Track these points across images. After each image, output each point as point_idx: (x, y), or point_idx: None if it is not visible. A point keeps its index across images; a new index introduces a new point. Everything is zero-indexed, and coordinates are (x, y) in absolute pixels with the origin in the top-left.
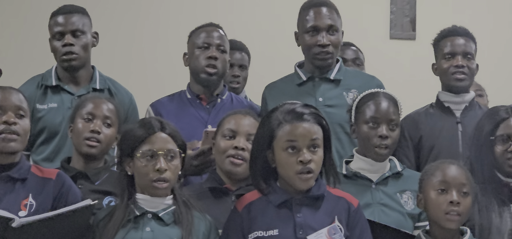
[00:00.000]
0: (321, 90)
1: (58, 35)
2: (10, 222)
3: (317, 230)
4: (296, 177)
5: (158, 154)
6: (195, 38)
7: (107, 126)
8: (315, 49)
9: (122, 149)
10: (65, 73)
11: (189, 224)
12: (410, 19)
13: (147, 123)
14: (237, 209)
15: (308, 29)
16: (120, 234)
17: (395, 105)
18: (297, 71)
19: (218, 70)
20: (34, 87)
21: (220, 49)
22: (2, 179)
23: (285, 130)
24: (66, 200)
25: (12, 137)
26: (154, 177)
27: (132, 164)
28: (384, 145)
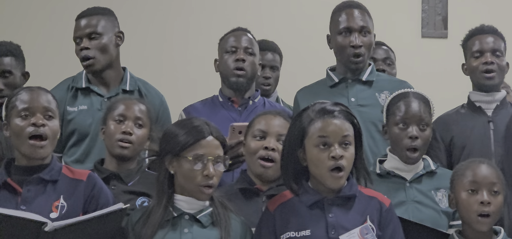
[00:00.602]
0: (353, 91)
1: (78, 39)
2: (43, 226)
3: (349, 230)
4: (328, 174)
5: (208, 159)
6: (224, 43)
7: (138, 127)
8: (348, 50)
9: (166, 148)
10: (92, 76)
11: (227, 226)
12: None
13: (197, 126)
14: (269, 210)
15: (341, 30)
16: (159, 235)
17: (426, 105)
18: (329, 74)
19: (246, 72)
20: (65, 90)
21: (248, 52)
22: (34, 181)
23: (316, 126)
24: (98, 202)
25: (41, 144)
26: (202, 182)
27: (176, 164)
28: (414, 145)
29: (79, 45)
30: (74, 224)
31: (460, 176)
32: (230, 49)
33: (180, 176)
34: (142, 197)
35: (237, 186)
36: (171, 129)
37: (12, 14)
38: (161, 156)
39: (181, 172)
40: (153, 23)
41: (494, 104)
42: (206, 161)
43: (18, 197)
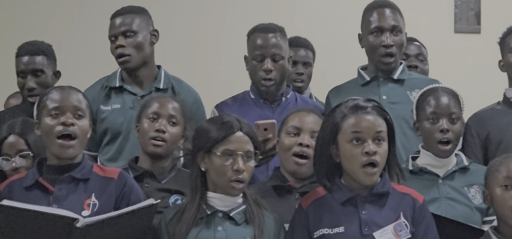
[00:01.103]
0: (385, 89)
1: (113, 38)
2: (75, 222)
3: (383, 227)
4: (361, 170)
5: (237, 154)
6: (252, 45)
7: (172, 125)
8: (380, 50)
9: (197, 145)
10: (126, 75)
11: (261, 223)
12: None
13: (226, 122)
14: (302, 207)
15: (372, 30)
16: (193, 233)
17: (456, 99)
18: (361, 73)
19: (274, 81)
20: (98, 90)
21: (275, 59)
22: (65, 180)
23: (350, 122)
24: (129, 199)
25: (70, 144)
26: (232, 177)
27: (207, 160)
28: (445, 138)
29: (114, 43)
30: (105, 220)
31: (494, 172)
32: (257, 57)
33: (211, 172)
34: (175, 195)
35: (270, 184)
36: (202, 126)
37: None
38: (193, 153)
39: (212, 168)
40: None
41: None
42: (236, 156)
43: (50, 196)
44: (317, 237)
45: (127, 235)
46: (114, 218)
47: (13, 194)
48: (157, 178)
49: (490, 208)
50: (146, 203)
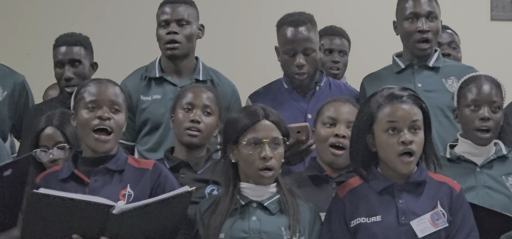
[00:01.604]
0: (420, 77)
1: (164, 23)
2: (111, 209)
3: (420, 216)
4: (398, 159)
5: (263, 141)
6: (282, 39)
7: (207, 115)
8: (415, 36)
9: (226, 137)
10: (168, 65)
11: (296, 213)
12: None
13: (251, 110)
14: (338, 196)
15: (408, 16)
16: (227, 224)
17: (498, 88)
18: (396, 60)
19: (307, 74)
20: (138, 80)
21: (306, 53)
22: (100, 171)
23: (385, 112)
24: (164, 190)
25: (106, 138)
26: (260, 165)
27: (236, 151)
28: (485, 126)
29: (165, 28)
30: (140, 207)
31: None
32: (288, 51)
33: (240, 162)
34: (211, 185)
35: (306, 173)
36: (229, 117)
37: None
38: (224, 145)
39: (241, 159)
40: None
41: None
42: (262, 144)
43: (86, 187)
44: (354, 226)
45: (162, 223)
46: (150, 205)
47: (49, 186)
48: (193, 168)
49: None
50: (181, 190)
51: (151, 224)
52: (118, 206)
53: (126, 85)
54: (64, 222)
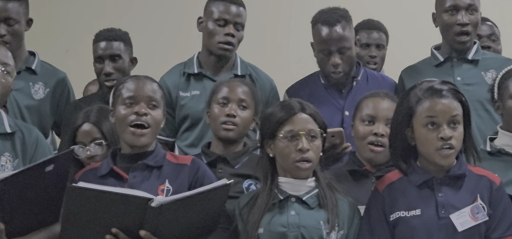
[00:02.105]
0: (459, 70)
1: (223, 22)
2: (150, 202)
3: (460, 209)
4: (437, 153)
5: (300, 134)
6: (317, 37)
7: (242, 109)
8: (455, 28)
9: (263, 131)
10: (207, 60)
11: (334, 207)
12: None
13: (287, 104)
14: (378, 190)
15: (447, 8)
16: (266, 218)
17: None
18: (434, 53)
19: (343, 72)
20: (177, 76)
21: (342, 52)
22: (139, 167)
23: (424, 106)
24: (202, 185)
25: (142, 132)
26: (296, 157)
27: (273, 145)
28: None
29: (222, 27)
30: (179, 200)
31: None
32: (323, 49)
33: (277, 156)
34: (249, 179)
35: (346, 168)
36: (266, 112)
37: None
38: (261, 140)
39: (278, 152)
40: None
41: None
42: (299, 136)
43: (125, 183)
44: (393, 219)
45: (200, 216)
46: (188, 198)
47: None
48: (230, 163)
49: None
50: (220, 183)
51: (190, 217)
52: (157, 199)
53: (165, 82)
54: (103, 215)
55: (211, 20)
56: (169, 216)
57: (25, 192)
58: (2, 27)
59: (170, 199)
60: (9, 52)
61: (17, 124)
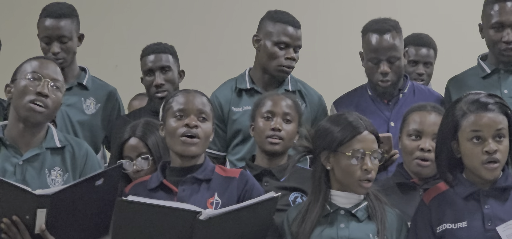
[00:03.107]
0: (506, 83)
1: (284, 45)
2: (198, 215)
3: (506, 221)
4: (482, 167)
5: (366, 153)
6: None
7: (287, 122)
8: (500, 45)
9: (321, 145)
10: (261, 77)
11: (383, 219)
12: None
13: (352, 121)
14: (424, 202)
15: (493, 24)
16: (316, 232)
17: None
18: (481, 64)
19: (392, 81)
20: (229, 91)
21: (391, 61)
22: (188, 181)
23: (470, 120)
24: (251, 197)
25: (193, 141)
26: (362, 177)
27: (332, 159)
28: None
29: (282, 50)
30: (228, 213)
31: None
32: (373, 59)
33: (338, 171)
34: (295, 192)
35: (394, 181)
36: (325, 125)
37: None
38: (316, 152)
39: (339, 168)
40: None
41: None
42: (364, 156)
43: (174, 196)
44: (440, 232)
45: (248, 229)
46: (236, 211)
47: (138, 196)
48: (276, 176)
49: None
50: (268, 196)
51: (238, 230)
52: (205, 213)
53: (217, 97)
54: (152, 228)
55: (270, 41)
56: (217, 228)
57: (75, 206)
58: (55, 45)
59: (219, 212)
60: (58, 68)
61: (67, 138)
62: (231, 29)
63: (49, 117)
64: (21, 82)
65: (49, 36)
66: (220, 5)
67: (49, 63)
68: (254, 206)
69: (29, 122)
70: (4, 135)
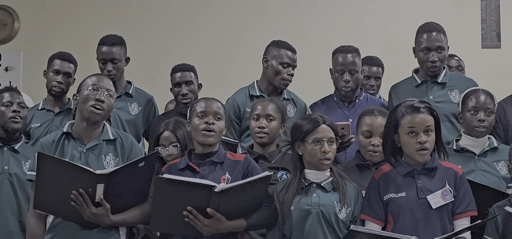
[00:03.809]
0: (432, 91)
1: (286, 64)
2: (214, 188)
3: (433, 192)
4: (416, 153)
5: (323, 140)
6: (335, 62)
7: (270, 121)
8: (427, 64)
9: (294, 137)
10: (266, 87)
11: (344, 190)
12: (496, 33)
13: (313, 118)
14: (375, 178)
15: (422, 48)
16: (296, 199)
17: (491, 98)
18: (414, 76)
19: (351, 88)
20: (244, 96)
21: (351, 73)
22: (207, 163)
23: (407, 119)
24: (252, 175)
25: (210, 134)
26: (322, 157)
27: (302, 147)
28: (482, 126)
29: (285, 68)
30: (235, 186)
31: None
32: (339, 71)
33: (306, 155)
34: (281, 170)
35: (354, 162)
36: (297, 122)
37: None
38: (292, 142)
39: (306, 152)
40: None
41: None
42: (322, 142)
43: (197, 174)
44: (386, 199)
45: (250, 198)
46: (241, 185)
47: (170, 173)
48: (268, 159)
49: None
50: (263, 175)
51: (242, 199)
52: (219, 186)
53: (235, 100)
54: (181, 198)
55: (276, 61)
56: (227, 199)
57: (124, 182)
58: (109, 65)
59: (229, 186)
60: (111, 82)
61: (117, 132)
62: (237, 55)
63: (104, 117)
64: (84, 92)
65: (104, 59)
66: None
67: (104, 78)
68: (254, 181)
69: (90, 121)
70: (72, 130)
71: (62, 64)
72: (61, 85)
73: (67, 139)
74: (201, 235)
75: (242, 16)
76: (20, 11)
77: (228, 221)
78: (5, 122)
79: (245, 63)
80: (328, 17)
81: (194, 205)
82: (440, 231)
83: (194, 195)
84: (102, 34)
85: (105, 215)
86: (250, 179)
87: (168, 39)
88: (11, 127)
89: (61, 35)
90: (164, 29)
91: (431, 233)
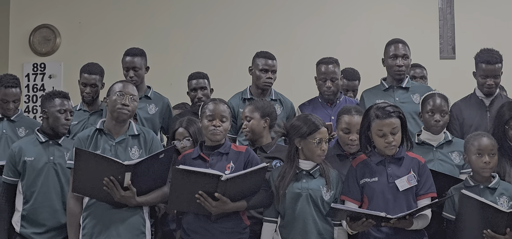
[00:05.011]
0: (397, 94)
1: (264, 70)
2: (220, 177)
3: (401, 178)
4: (385, 149)
5: (323, 140)
6: (319, 71)
7: (248, 121)
8: (395, 68)
9: (295, 133)
10: (255, 91)
11: (329, 176)
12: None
13: (315, 120)
14: (352, 166)
15: (391, 56)
16: (290, 185)
17: (445, 100)
18: (382, 82)
19: (333, 92)
20: (238, 99)
21: (332, 80)
22: (215, 154)
23: (376, 122)
24: (252, 165)
25: (217, 131)
26: (320, 154)
27: (302, 143)
28: (438, 125)
29: (264, 73)
30: (239, 175)
31: (470, 144)
32: (322, 79)
33: (306, 150)
34: (276, 159)
35: (334, 152)
36: (298, 122)
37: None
38: (292, 137)
39: (307, 148)
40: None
41: (491, 98)
42: (322, 142)
43: (207, 163)
44: (362, 183)
45: (251, 183)
46: (243, 174)
47: (185, 162)
48: (264, 150)
49: (465, 165)
50: (261, 165)
51: (244, 185)
52: (225, 176)
53: (231, 103)
54: (193, 184)
55: (257, 69)
56: (232, 186)
57: (147, 170)
58: (131, 72)
59: (233, 175)
60: (135, 87)
61: (141, 128)
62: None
63: (130, 117)
64: (113, 97)
65: (128, 67)
66: (232, 49)
67: (129, 84)
68: (254, 171)
69: (119, 119)
70: (104, 127)
71: (88, 78)
72: (90, 95)
73: (99, 134)
74: (210, 213)
75: (244, 34)
76: (61, 29)
77: (232, 202)
78: (58, 126)
79: (245, 70)
80: (317, 32)
81: (204, 190)
82: (406, 209)
83: (204, 182)
84: (128, 46)
85: (132, 197)
86: (250, 170)
87: (183, 51)
88: (61, 132)
89: (94, 48)
90: (180, 42)
91: (398, 211)
